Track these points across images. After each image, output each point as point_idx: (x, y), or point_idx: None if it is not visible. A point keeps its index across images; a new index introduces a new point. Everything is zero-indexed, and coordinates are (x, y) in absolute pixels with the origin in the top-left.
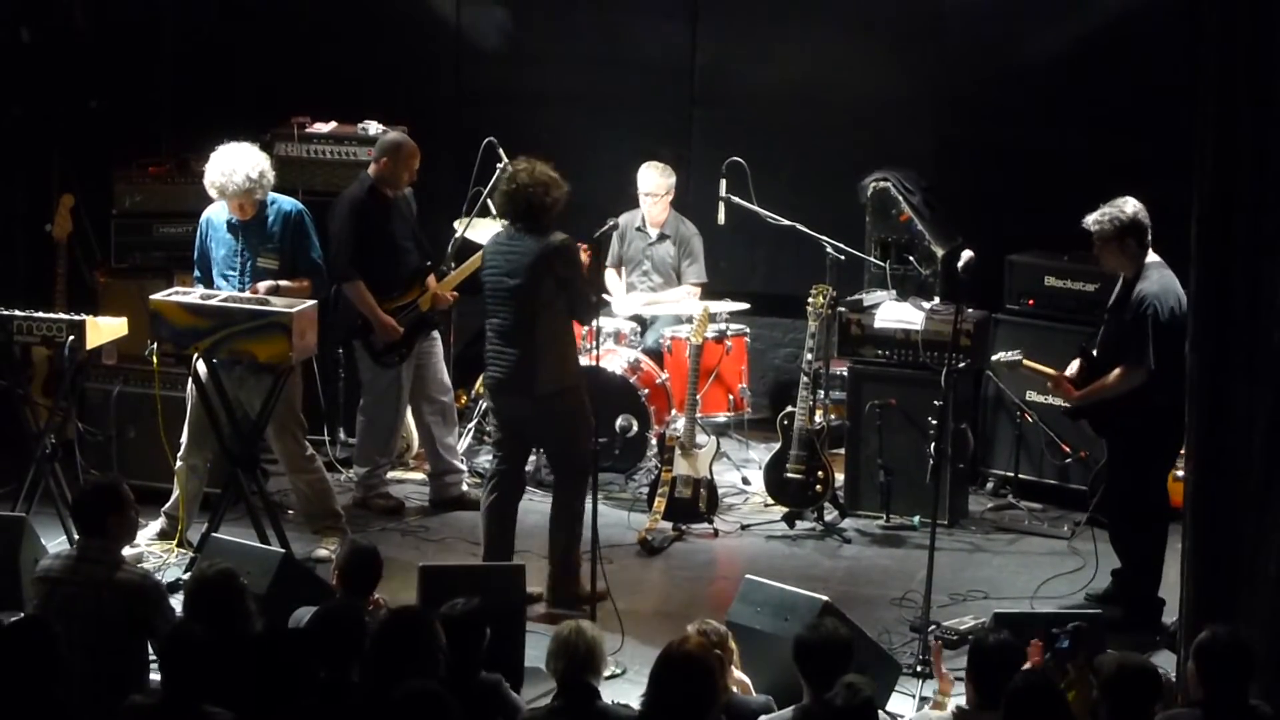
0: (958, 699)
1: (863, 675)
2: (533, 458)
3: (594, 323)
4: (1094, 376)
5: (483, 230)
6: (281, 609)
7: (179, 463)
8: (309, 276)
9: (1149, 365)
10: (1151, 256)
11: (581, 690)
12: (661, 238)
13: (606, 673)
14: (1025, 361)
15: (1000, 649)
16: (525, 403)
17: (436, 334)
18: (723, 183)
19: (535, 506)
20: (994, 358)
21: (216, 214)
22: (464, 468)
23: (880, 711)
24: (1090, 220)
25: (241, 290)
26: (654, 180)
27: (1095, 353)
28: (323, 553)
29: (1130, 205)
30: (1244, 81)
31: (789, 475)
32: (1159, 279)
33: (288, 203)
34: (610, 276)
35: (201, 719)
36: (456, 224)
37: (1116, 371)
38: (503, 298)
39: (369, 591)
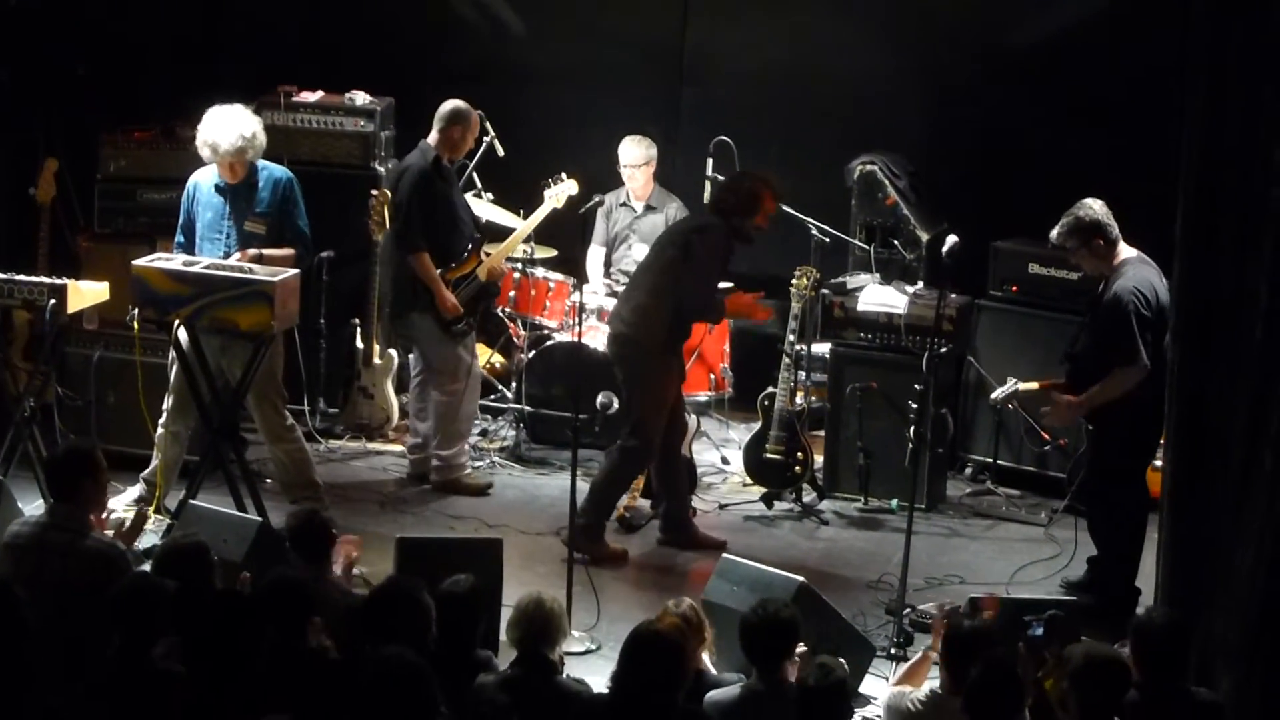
0: (932, 682)
1: (836, 657)
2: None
3: (577, 299)
4: (1077, 379)
5: (471, 200)
6: (258, 578)
7: (160, 429)
8: (294, 244)
9: (1143, 363)
10: (1128, 251)
11: (537, 661)
12: (648, 209)
13: (580, 648)
14: (1020, 386)
15: (974, 634)
16: None
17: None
18: (709, 162)
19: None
20: (994, 397)
21: (205, 177)
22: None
23: (853, 693)
24: (1054, 234)
25: (227, 253)
26: (633, 152)
27: (1076, 352)
28: None
29: (1084, 208)
30: (1232, 72)
31: (768, 456)
32: (1134, 274)
33: (278, 170)
34: (595, 255)
35: (152, 671)
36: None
37: (1113, 374)
38: None
39: (320, 558)
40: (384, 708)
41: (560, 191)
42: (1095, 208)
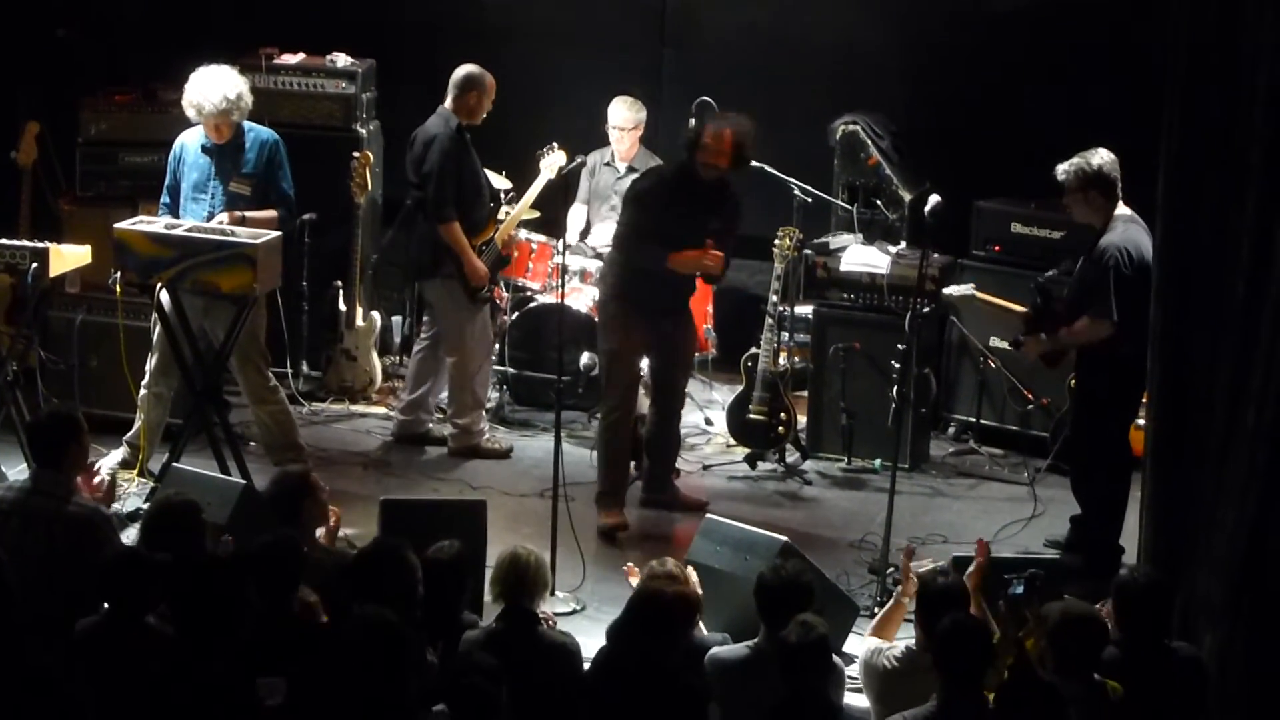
0: (906, 640)
1: (819, 615)
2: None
3: (560, 260)
4: (1048, 318)
5: None
6: (242, 540)
7: (143, 389)
8: (278, 206)
9: (1113, 318)
10: (1122, 209)
11: (520, 614)
12: (630, 171)
13: (566, 608)
14: (979, 295)
15: (947, 592)
16: None
17: None
18: (691, 122)
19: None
20: (945, 290)
21: (191, 138)
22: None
23: (836, 652)
24: (1059, 170)
25: (212, 214)
26: (623, 114)
27: (1057, 296)
28: None
29: (1098, 157)
30: (1213, 32)
31: (751, 417)
32: (1124, 231)
33: (265, 131)
34: (577, 212)
35: (145, 634)
36: None
37: (1082, 322)
38: None
39: (297, 519)
40: (360, 666)
41: (552, 162)
42: (1104, 157)
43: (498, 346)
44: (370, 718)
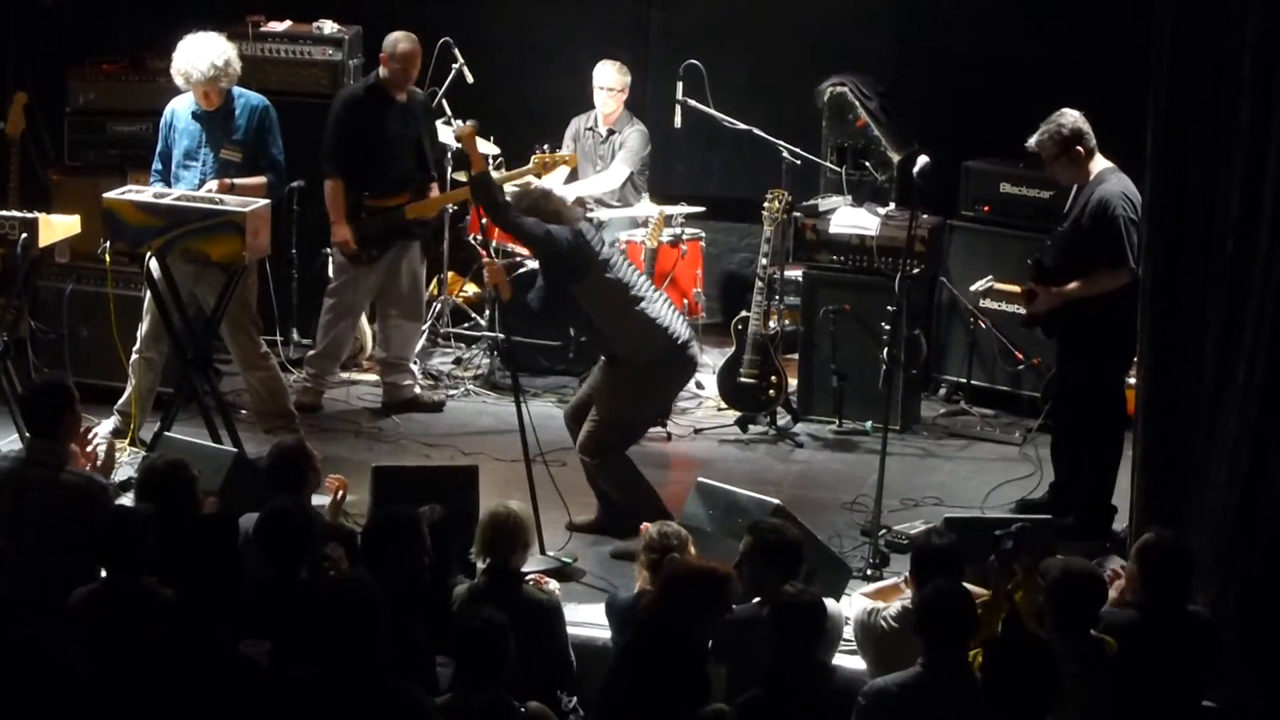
0: (904, 600)
1: (811, 577)
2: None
3: None
4: (1050, 282)
5: (441, 127)
6: (233, 508)
7: (134, 355)
8: (268, 172)
9: (1131, 265)
10: (1102, 162)
11: (505, 573)
12: (611, 134)
13: (555, 565)
14: (997, 284)
15: (942, 552)
16: None
17: (417, 245)
18: (679, 86)
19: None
20: (973, 289)
21: (182, 105)
22: (417, 372)
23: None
24: (1033, 142)
25: (202, 180)
26: (611, 76)
27: (1048, 264)
28: None
29: (1066, 117)
30: None
31: (742, 380)
32: (1118, 182)
33: (255, 97)
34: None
35: (143, 594)
36: None
37: (1100, 273)
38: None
39: (300, 488)
40: (332, 628)
41: (550, 176)
42: (1075, 116)
43: (488, 312)
44: (336, 680)
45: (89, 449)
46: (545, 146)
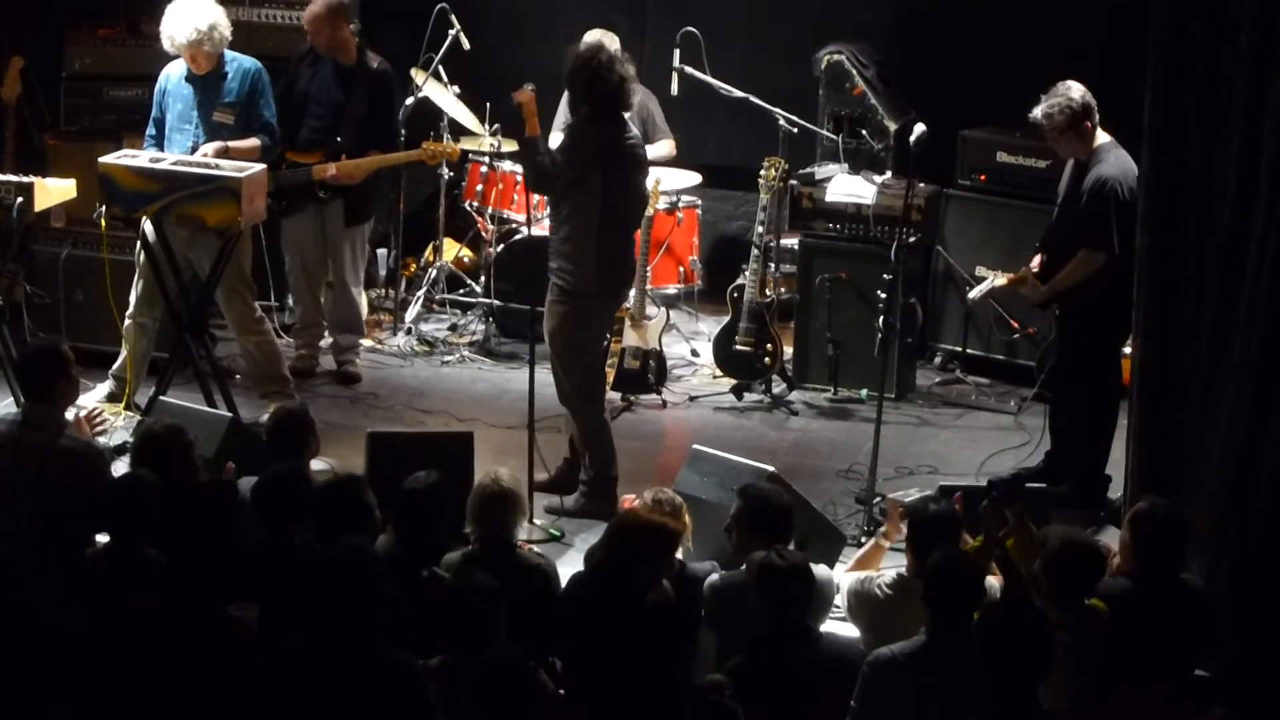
0: (898, 567)
1: (805, 544)
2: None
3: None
4: (1056, 267)
5: (436, 93)
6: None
7: (128, 319)
8: (261, 134)
9: (1113, 250)
10: (1103, 137)
11: (497, 540)
12: None
13: (543, 536)
14: (998, 283)
15: (938, 519)
16: None
17: (338, 210)
18: (676, 53)
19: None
20: (971, 296)
21: (175, 69)
22: (323, 344)
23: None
24: (1039, 113)
25: (195, 143)
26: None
27: (1053, 244)
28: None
29: (1076, 89)
30: None
31: (738, 348)
32: (1115, 160)
33: (247, 60)
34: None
35: (141, 563)
36: (414, 72)
37: (1078, 255)
38: None
39: (301, 453)
40: (321, 592)
41: (434, 156)
42: (1079, 88)
43: (483, 279)
44: (334, 646)
45: (81, 415)
46: (433, 134)
